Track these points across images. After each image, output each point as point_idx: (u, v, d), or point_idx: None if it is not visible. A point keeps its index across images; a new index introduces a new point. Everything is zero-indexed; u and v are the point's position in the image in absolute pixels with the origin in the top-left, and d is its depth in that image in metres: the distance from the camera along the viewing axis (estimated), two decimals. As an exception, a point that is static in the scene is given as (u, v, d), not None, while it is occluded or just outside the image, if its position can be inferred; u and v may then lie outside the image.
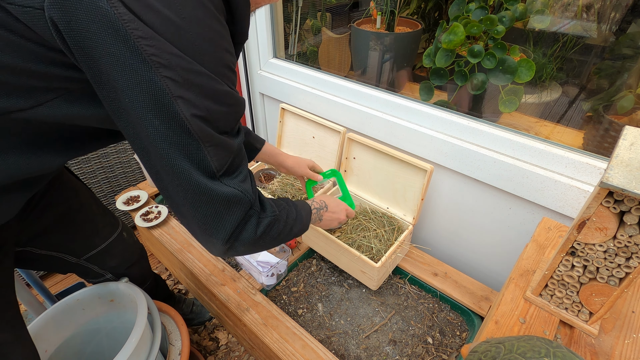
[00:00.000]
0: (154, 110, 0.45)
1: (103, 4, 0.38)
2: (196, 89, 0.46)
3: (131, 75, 0.42)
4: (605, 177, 0.53)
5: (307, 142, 1.44)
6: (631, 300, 0.76)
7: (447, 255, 1.35)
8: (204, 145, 0.50)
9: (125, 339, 0.81)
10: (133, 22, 0.40)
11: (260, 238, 0.64)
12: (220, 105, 0.50)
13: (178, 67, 0.44)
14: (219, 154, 0.52)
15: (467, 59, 1.14)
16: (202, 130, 0.49)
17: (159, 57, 0.42)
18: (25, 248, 0.82)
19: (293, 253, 1.29)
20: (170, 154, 0.48)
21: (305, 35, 1.77)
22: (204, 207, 0.54)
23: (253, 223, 0.62)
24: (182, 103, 0.45)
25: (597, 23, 1.15)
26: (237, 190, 0.56)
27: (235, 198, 0.56)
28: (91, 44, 0.40)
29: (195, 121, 0.47)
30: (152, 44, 0.41)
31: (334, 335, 1.07)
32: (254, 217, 0.62)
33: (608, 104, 1.11)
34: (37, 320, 0.90)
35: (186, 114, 0.46)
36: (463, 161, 1.10)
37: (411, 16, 1.65)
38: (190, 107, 0.46)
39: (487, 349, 0.55)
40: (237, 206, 0.57)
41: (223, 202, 0.55)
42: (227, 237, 0.58)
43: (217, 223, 0.56)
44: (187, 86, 0.45)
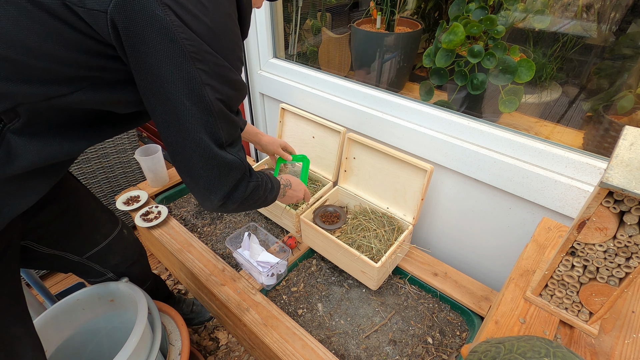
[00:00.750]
0: (188, 94, 0.57)
1: (159, 12, 0.49)
2: (220, 78, 0.59)
3: (175, 67, 0.54)
4: (605, 177, 0.53)
5: (307, 142, 1.44)
6: (631, 300, 0.76)
7: (447, 255, 1.35)
8: (220, 121, 0.62)
9: (125, 339, 0.81)
10: (180, 27, 0.51)
11: (247, 198, 0.77)
12: (234, 90, 0.63)
13: (210, 61, 0.56)
14: (228, 129, 0.65)
15: (467, 59, 1.14)
16: (220, 110, 0.61)
17: (197, 54, 0.54)
18: (26, 242, 0.83)
19: (293, 253, 1.29)
20: (195, 128, 0.60)
21: (305, 35, 1.77)
22: (213, 169, 0.66)
23: (244, 185, 0.75)
24: (209, 89, 0.58)
25: (597, 23, 1.15)
26: (237, 158, 0.69)
27: (236, 164, 0.69)
28: (144, 43, 0.51)
29: (217, 103, 0.60)
30: (193, 44, 0.53)
31: (334, 335, 1.07)
32: (244, 180, 0.75)
33: (608, 104, 1.11)
34: (37, 320, 0.90)
35: (211, 97, 0.58)
36: (463, 161, 1.10)
37: (411, 16, 1.65)
38: (215, 92, 0.59)
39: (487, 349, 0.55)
40: (236, 170, 0.70)
41: (227, 166, 0.68)
42: (224, 195, 0.70)
43: (220, 182, 0.69)
44: (214, 76, 0.58)
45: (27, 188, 0.65)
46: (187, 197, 1.62)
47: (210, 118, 0.60)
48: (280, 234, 1.41)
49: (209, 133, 0.62)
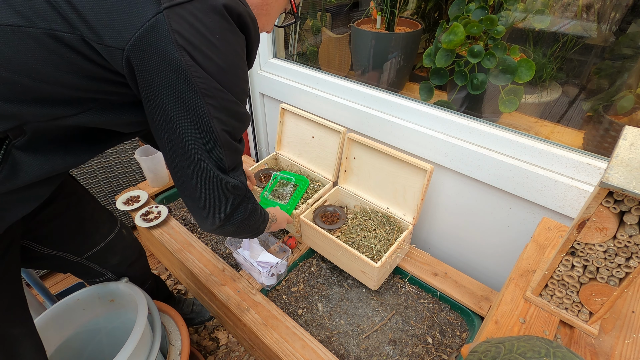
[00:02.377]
0: (197, 125, 0.61)
1: (174, 53, 0.53)
2: (227, 111, 0.63)
3: (186, 102, 0.58)
4: (605, 177, 0.53)
5: (307, 142, 1.44)
6: (631, 300, 0.76)
7: (447, 255, 1.35)
8: (224, 150, 0.66)
9: (125, 339, 0.81)
10: (194, 67, 0.55)
11: (245, 220, 0.80)
12: (239, 122, 0.68)
13: (218, 97, 0.60)
14: (232, 156, 0.69)
15: (467, 59, 1.14)
16: (226, 140, 0.65)
17: (207, 90, 0.58)
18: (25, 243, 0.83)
19: (293, 253, 1.29)
20: (201, 156, 0.64)
21: (305, 35, 1.77)
22: (216, 192, 0.70)
23: (243, 207, 0.78)
24: (217, 121, 0.62)
25: (597, 23, 1.15)
26: (239, 181, 0.73)
27: (238, 187, 0.73)
28: (157, 79, 0.55)
29: (223, 134, 0.64)
30: (204, 82, 0.57)
31: (334, 335, 1.07)
32: (244, 202, 0.78)
33: (608, 104, 1.11)
34: (37, 320, 0.90)
35: (218, 128, 0.62)
36: (463, 161, 1.10)
37: (411, 16, 1.65)
38: (221, 124, 0.63)
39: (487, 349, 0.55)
40: (238, 193, 0.74)
41: (230, 189, 0.71)
42: (225, 216, 0.74)
43: (222, 204, 0.72)
44: (221, 109, 0.62)
45: (28, 195, 0.67)
46: (187, 197, 1.62)
47: (216, 147, 0.64)
48: (280, 234, 1.41)
49: (213, 160, 0.66)
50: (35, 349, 0.76)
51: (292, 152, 1.52)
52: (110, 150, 1.55)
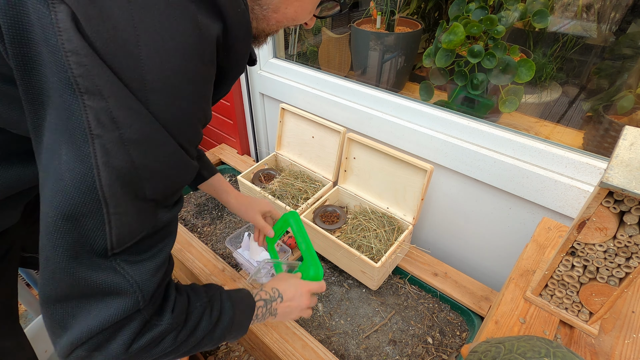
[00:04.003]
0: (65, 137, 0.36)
1: (41, 6, 0.32)
2: (127, 132, 0.36)
3: (53, 95, 0.35)
4: (605, 177, 0.53)
5: (307, 142, 1.44)
6: (631, 300, 0.76)
7: (447, 255, 1.35)
8: (108, 208, 0.38)
9: (125, 339, 0.81)
10: (67, 31, 0.32)
11: (135, 356, 0.45)
12: (155, 162, 0.39)
13: (111, 98, 0.35)
14: (124, 227, 0.39)
15: (467, 59, 1.14)
16: (112, 188, 0.37)
17: (87, 79, 0.34)
18: (34, 255, 0.82)
19: (293, 253, 1.29)
20: (56, 201, 0.37)
21: (305, 35, 1.77)
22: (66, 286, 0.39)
23: (129, 332, 0.44)
24: (100, 146, 0.35)
25: (597, 23, 1.15)
26: (128, 280, 0.41)
27: (118, 291, 0.41)
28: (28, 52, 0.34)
29: (108, 173, 0.36)
30: (84, 62, 0.33)
31: (334, 335, 1.07)
32: (135, 323, 0.44)
33: (608, 104, 1.11)
34: (37, 320, 0.90)
35: (99, 159, 0.36)
36: (463, 161, 1.10)
37: (411, 16, 1.65)
38: (109, 154, 0.36)
39: (487, 349, 0.55)
40: (117, 302, 0.41)
41: (99, 289, 0.40)
42: (86, 339, 0.41)
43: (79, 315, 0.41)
44: (114, 126, 0.36)
45: None
46: (187, 197, 1.62)
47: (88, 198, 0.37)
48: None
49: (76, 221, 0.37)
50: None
51: (292, 152, 1.52)
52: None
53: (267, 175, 1.51)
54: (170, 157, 0.41)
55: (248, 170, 1.47)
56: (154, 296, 0.46)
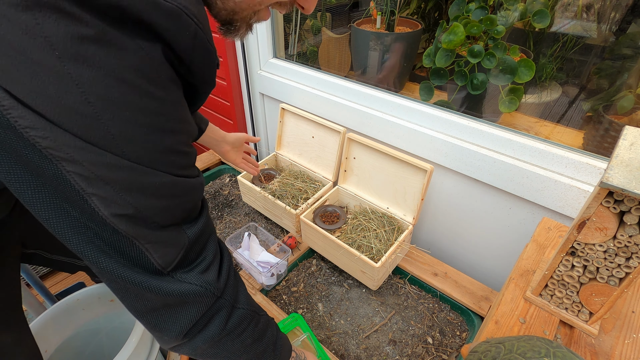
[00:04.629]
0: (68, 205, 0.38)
1: None
2: (116, 185, 0.37)
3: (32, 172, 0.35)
4: (605, 177, 0.53)
5: (307, 142, 1.44)
6: (631, 300, 0.76)
7: (447, 255, 1.35)
8: (139, 242, 0.41)
9: (125, 339, 0.81)
10: (15, 109, 0.31)
11: (229, 335, 0.53)
12: (156, 199, 0.41)
13: (86, 162, 0.35)
14: (162, 251, 0.43)
15: (467, 59, 1.14)
16: (131, 229, 0.40)
17: (56, 150, 0.33)
18: (35, 251, 0.82)
19: (293, 253, 1.29)
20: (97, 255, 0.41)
21: (305, 35, 1.77)
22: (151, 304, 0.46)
23: (222, 315, 0.52)
24: (99, 201, 0.37)
25: (597, 23, 1.15)
26: (195, 285, 0.47)
27: (193, 294, 0.47)
28: None
29: (119, 220, 0.39)
30: (45, 135, 0.32)
31: (334, 335, 1.07)
32: (224, 308, 0.52)
33: (608, 104, 1.11)
34: (37, 320, 0.90)
35: (106, 213, 0.38)
36: (463, 161, 1.10)
37: (411, 16, 1.65)
38: (111, 206, 0.38)
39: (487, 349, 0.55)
40: (196, 302, 0.48)
41: (175, 299, 0.46)
42: (184, 333, 0.49)
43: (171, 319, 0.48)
44: (100, 184, 0.36)
45: None
46: (187, 197, 1.62)
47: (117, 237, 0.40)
48: (280, 234, 1.41)
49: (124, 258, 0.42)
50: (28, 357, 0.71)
51: (292, 152, 1.52)
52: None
53: (267, 175, 1.51)
54: (169, 189, 0.42)
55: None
56: (227, 284, 0.53)
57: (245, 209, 1.54)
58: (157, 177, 0.40)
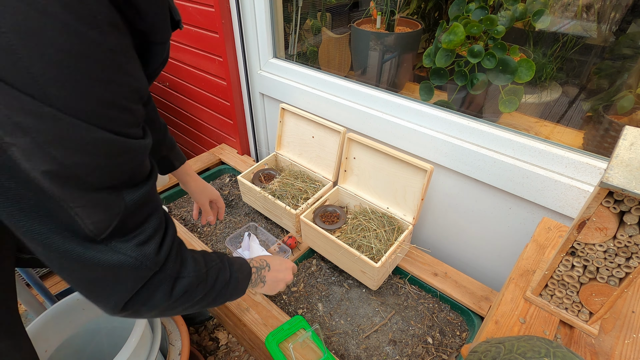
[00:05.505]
0: None
1: None
2: (39, 136, 0.34)
3: None
4: (605, 177, 0.53)
5: (307, 142, 1.44)
6: (631, 300, 0.76)
7: (447, 255, 1.35)
8: (66, 204, 0.37)
9: (125, 339, 0.81)
10: None
11: (177, 301, 0.53)
12: (86, 156, 0.37)
13: (3, 106, 0.32)
14: (94, 217, 0.40)
15: (467, 59, 1.14)
16: (58, 189, 0.36)
17: None
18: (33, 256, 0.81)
19: (293, 253, 1.29)
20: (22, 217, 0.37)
21: (305, 35, 1.77)
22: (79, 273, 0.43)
23: (164, 288, 0.51)
24: (19, 153, 0.33)
25: (597, 23, 1.15)
26: (130, 257, 0.44)
27: (126, 266, 0.44)
28: None
29: (44, 177, 0.35)
30: None
31: (334, 335, 1.07)
32: (165, 282, 0.51)
33: (608, 104, 1.11)
34: (37, 320, 0.90)
35: (27, 167, 0.34)
36: (463, 161, 1.10)
37: (411, 16, 1.65)
38: (33, 159, 0.34)
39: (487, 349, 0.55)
40: (130, 275, 0.46)
41: (106, 271, 0.43)
42: (121, 306, 0.47)
43: (104, 294, 0.46)
44: (20, 131, 0.33)
45: None
46: (187, 197, 1.62)
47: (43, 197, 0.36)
48: (280, 234, 1.41)
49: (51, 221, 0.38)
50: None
51: (292, 152, 1.52)
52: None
53: (267, 175, 1.51)
54: (103, 148, 0.38)
55: (248, 170, 1.47)
56: (169, 256, 0.51)
57: (245, 209, 1.54)
58: (88, 132, 0.36)
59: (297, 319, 1.03)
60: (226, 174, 1.76)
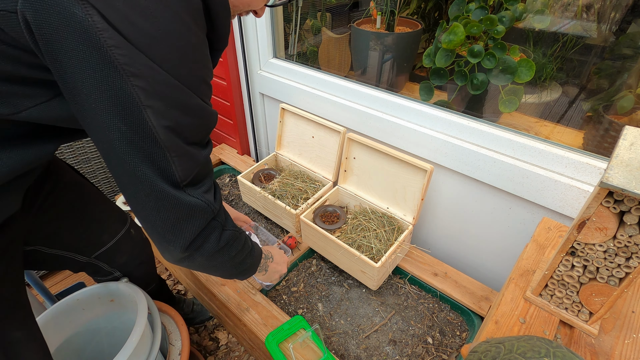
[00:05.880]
0: (122, 116, 0.46)
1: (77, 11, 0.39)
2: (167, 100, 0.48)
3: (101, 82, 0.43)
4: (605, 177, 0.53)
5: (307, 142, 1.44)
6: (631, 300, 0.76)
7: (447, 255, 1.35)
8: (170, 154, 0.51)
9: (125, 339, 0.81)
10: (107, 31, 0.41)
11: (220, 251, 0.65)
12: (190, 117, 0.52)
13: (150, 77, 0.45)
14: (184, 165, 0.53)
15: (467, 59, 1.14)
16: (169, 140, 0.50)
17: (131, 66, 0.43)
18: (35, 247, 0.82)
19: (293, 253, 1.29)
20: (135, 160, 0.49)
21: (305, 35, 1.77)
22: (165, 213, 0.55)
23: (216, 234, 0.63)
24: (151, 112, 0.47)
25: (597, 23, 1.15)
26: (200, 200, 0.57)
27: (198, 207, 0.57)
28: (62, 50, 0.41)
29: (163, 131, 0.48)
30: (125, 53, 0.42)
31: (334, 335, 1.07)
32: (217, 228, 0.63)
33: (608, 104, 1.11)
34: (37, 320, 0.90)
35: (154, 122, 0.47)
36: (463, 161, 1.10)
37: (411, 16, 1.65)
38: (159, 117, 0.47)
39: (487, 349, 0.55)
40: (199, 215, 0.58)
41: (185, 210, 0.56)
42: (187, 245, 0.59)
43: (178, 230, 0.57)
44: (157, 97, 0.46)
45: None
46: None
47: (155, 148, 0.49)
48: (280, 234, 1.41)
49: (154, 167, 0.50)
50: (39, 352, 0.73)
51: (292, 152, 1.52)
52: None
53: (267, 175, 1.51)
54: (199, 111, 0.53)
55: (248, 170, 1.47)
56: (220, 208, 0.64)
57: (245, 209, 1.54)
58: (193, 99, 0.51)
59: (297, 319, 1.03)
60: (226, 174, 1.76)
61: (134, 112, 0.46)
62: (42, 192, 0.78)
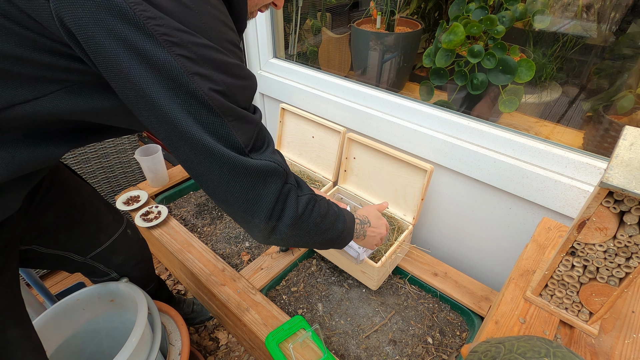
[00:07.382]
0: (173, 90, 0.45)
1: None
2: (210, 64, 0.47)
3: (145, 58, 0.43)
4: (605, 177, 0.53)
5: (307, 142, 1.44)
6: (631, 300, 0.76)
7: (447, 255, 1.35)
8: (227, 119, 0.50)
9: (125, 339, 0.81)
10: (140, 4, 0.41)
11: (302, 218, 0.61)
12: (234, 78, 0.51)
13: (189, 43, 0.45)
14: (243, 128, 0.52)
15: (467, 59, 1.14)
16: (222, 105, 0.49)
17: (169, 35, 0.43)
18: (30, 247, 0.82)
19: (293, 253, 1.29)
20: (196, 133, 0.48)
21: (305, 35, 1.77)
22: (239, 182, 0.53)
23: (293, 198, 0.60)
24: (199, 79, 0.46)
25: (597, 23, 1.15)
26: (269, 161, 0.56)
27: (269, 169, 0.55)
28: (99, 34, 0.41)
29: (214, 96, 0.48)
30: (162, 23, 0.42)
31: (334, 335, 1.07)
32: (292, 191, 0.60)
33: (608, 104, 1.10)
34: (37, 320, 0.90)
35: (204, 89, 0.46)
36: (463, 161, 1.10)
37: (411, 16, 1.65)
38: (208, 82, 0.47)
39: (487, 349, 0.55)
40: (273, 178, 0.56)
41: (258, 174, 0.54)
42: (269, 215, 0.57)
43: (256, 199, 0.56)
44: (201, 62, 0.46)
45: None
46: (187, 197, 1.62)
47: (212, 116, 0.48)
48: (280, 234, 1.41)
49: (216, 136, 0.50)
50: (34, 352, 0.73)
51: (292, 152, 1.52)
52: (110, 150, 1.55)
53: (267, 175, 1.51)
54: (240, 72, 0.52)
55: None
56: (289, 172, 0.61)
57: (245, 209, 1.54)
58: (232, 59, 0.50)
59: (297, 319, 1.03)
60: (226, 174, 1.76)
61: (183, 83, 0.45)
62: (39, 192, 0.78)
